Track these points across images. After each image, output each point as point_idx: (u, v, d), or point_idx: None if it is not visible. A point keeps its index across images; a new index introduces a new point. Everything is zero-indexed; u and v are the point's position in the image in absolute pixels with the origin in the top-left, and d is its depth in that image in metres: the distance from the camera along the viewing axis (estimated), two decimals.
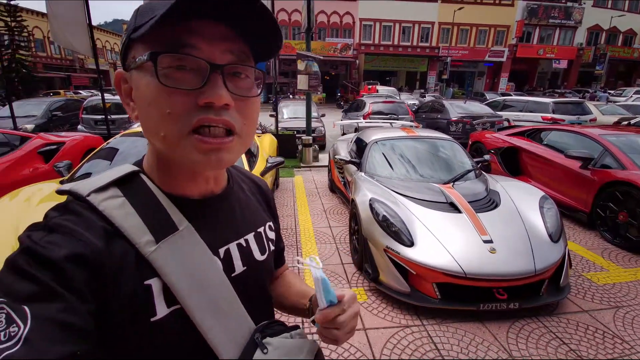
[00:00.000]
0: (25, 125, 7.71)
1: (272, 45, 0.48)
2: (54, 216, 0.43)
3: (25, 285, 0.36)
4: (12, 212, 2.24)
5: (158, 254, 0.44)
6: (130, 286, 0.42)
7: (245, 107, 0.46)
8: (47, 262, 0.37)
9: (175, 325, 0.45)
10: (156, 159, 0.50)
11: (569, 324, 2.25)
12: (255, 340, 0.50)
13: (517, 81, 28.73)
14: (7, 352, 0.33)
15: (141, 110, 0.45)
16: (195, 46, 0.42)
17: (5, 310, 0.35)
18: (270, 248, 0.63)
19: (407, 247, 2.34)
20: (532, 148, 4.80)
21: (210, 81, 0.42)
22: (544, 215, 2.60)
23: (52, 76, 26.22)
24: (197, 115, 0.42)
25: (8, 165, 3.62)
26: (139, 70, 0.43)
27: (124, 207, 0.45)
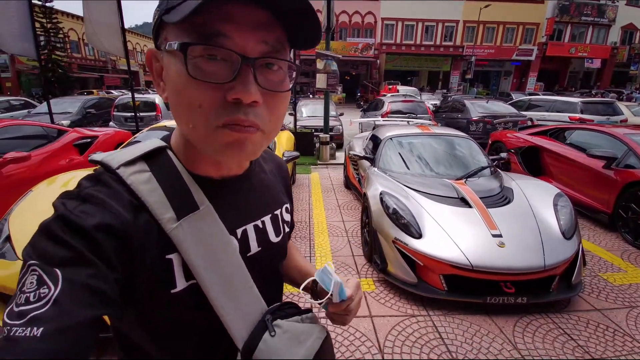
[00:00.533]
0: (61, 121, 8.23)
1: (312, 34, 0.45)
2: (87, 186, 0.44)
3: (59, 250, 0.37)
4: (48, 197, 2.46)
5: (179, 231, 0.45)
6: (153, 258, 0.44)
7: (274, 102, 0.45)
8: (80, 230, 0.39)
9: (192, 299, 0.47)
10: (183, 140, 0.51)
11: (579, 321, 2.23)
12: (266, 322, 0.50)
13: (547, 81, 27.61)
14: (36, 312, 0.34)
15: (171, 96, 0.45)
16: (228, 35, 0.40)
17: (37, 272, 0.36)
18: (285, 230, 0.64)
19: (416, 239, 2.40)
20: (554, 147, 4.68)
21: (240, 75, 0.41)
22: (557, 212, 2.58)
23: (86, 76, 27.69)
24: (225, 113, 0.42)
25: (47, 156, 3.93)
26: (170, 54, 0.43)
27: (150, 182, 0.46)
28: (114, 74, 31.34)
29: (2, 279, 1.81)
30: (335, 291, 0.54)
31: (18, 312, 0.34)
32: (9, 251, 1.91)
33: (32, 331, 0.33)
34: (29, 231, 1.62)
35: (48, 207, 1.71)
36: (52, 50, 21.89)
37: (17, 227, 2.07)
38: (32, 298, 0.35)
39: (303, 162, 6.81)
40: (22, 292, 0.36)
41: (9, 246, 1.94)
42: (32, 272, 0.36)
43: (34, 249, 0.38)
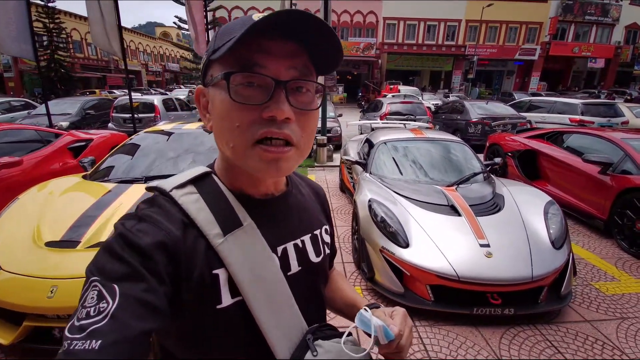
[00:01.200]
0: (60, 122, 8.26)
1: (333, 60, 0.52)
2: (144, 208, 0.50)
3: (117, 266, 0.41)
4: (38, 201, 2.46)
5: (225, 246, 0.49)
6: (200, 273, 0.47)
7: (305, 120, 0.50)
8: (136, 247, 0.43)
9: (237, 316, 0.49)
10: (225, 163, 0.56)
11: (568, 333, 2.19)
12: (307, 341, 0.52)
13: (550, 81, 27.43)
14: (95, 325, 0.37)
15: (215, 123, 0.51)
16: (263, 64, 0.46)
17: (98, 287, 0.40)
18: (326, 251, 0.65)
19: (403, 248, 2.37)
20: (550, 151, 4.63)
21: (274, 96, 0.46)
22: (547, 221, 2.54)
23: (89, 76, 27.83)
24: (261, 128, 0.46)
25: (40, 159, 3.94)
26: (215, 87, 0.49)
27: (198, 202, 0.51)
28: (117, 73, 31.49)
29: None
30: (380, 335, 0.53)
31: (79, 326, 0.37)
32: None
33: (90, 344, 0.36)
34: (14, 240, 1.60)
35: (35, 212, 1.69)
36: (54, 50, 22.00)
37: (1, 235, 2.07)
38: (92, 312, 0.38)
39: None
40: (84, 307, 0.39)
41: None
42: (93, 287, 0.40)
43: (96, 266, 0.42)
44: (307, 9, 13.07)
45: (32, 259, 1.91)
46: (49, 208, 2.34)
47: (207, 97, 0.52)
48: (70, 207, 2.35)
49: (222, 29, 0.50)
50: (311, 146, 0.54)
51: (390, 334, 0.53)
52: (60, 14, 23.75)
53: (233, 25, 0.48)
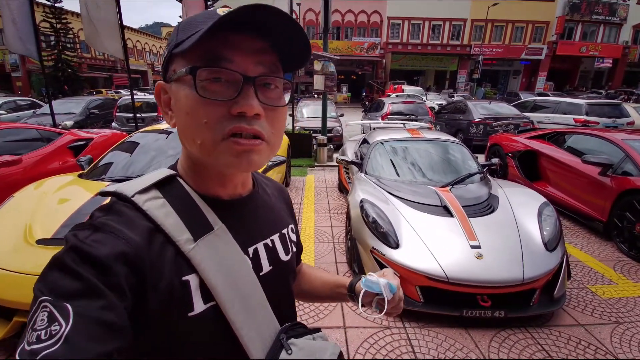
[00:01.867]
0: (65, 122, 8.36)
1: (301, 57, 0.52)
2: (99, 216, 0.46)
3: (70, 282, 0.37)
4: (33, 199, 2.49)
5: (196, 252, 0.47)
6: (169, 281, 0.44)
7: (274, 116, 0.50)
8: (92, 260, 0.39)
9: (210, 322, 0.47)
10: (190, 162, 0.53)
11: (560, 337, 2.16)
12: (281, 341, 0.51)
13: (557, 81, 27.10)
14: (47, 351, 0.33)
15: (179, 119, 0.48)
16: (230, 59, 0.45)
17: (48, 308, 0.36)
18: (293, 249, 0.66)
19: (393, 249, 2.35)
20: (551, 152, 4.57)
21: (243, 92, 0.45)
22: (541, 223, 2.51)
23: (95, 76, 28.14)
24: (230, 124, 0.45)
25: (40, 158, 3.99)
26: (179, 82, 0.47)
27: (165, 207, 0.48)
28: (123, 73, 31.78)
29: None
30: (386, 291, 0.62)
31: (30, 351, 0.34)
32: None
33: None
34: (5, 237, 1.64)
35: (29, 209, 1.71)
36: (62, 50, 22.28)
37: None
38: (43, 336, 0.34)
39: (300, 164, 6.79)
40: (34, 330, 0.35)
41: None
42: (43, 308, 0.36)
43: (45, 284, 0.38)
44: (311, 8, 13.18)
45: (22, 256, 1.94)
46: (42, 206, 2.36)
47: (170, 94, 0.50)
48: (63, 205, 2.38)
49: (184, 21, 0.48)
50: (280, 143, 0.53)
51: (393, 287, 0.63)
52: (68, 14, 24.03)
53: (196, 18, 0.47)
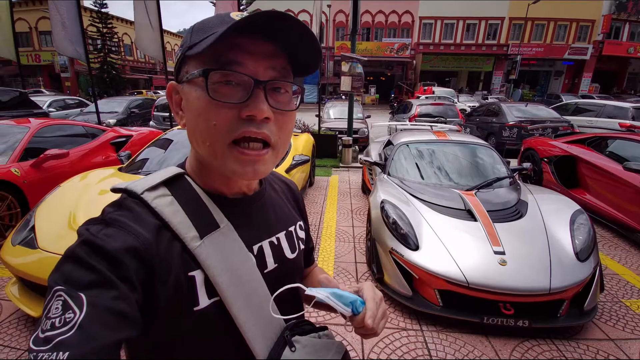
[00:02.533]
0: (108, 120, 8.97)
1: (312, 64, 0.52)
2: (110, 211, 0.47)
3: (83, 274, 0.39)
4: (77, 189, 2.73)
5: (202, 249, 0.48)
6: (176, 276, 0.46)
7: (283, 120, 0.50)
8: (104, 253, 0.41)
9: (215, 316, 0.49)
10: (198, 162, 0.55)
11: (587, 351, 2.05)
12: (285, 338, 0.52)
13: (603, 82, 25.28)
14: (61, 337, 0.35)
15: (189, 120, 0.49)
16: (242, 63, 0.46)
17: (62, 297, 0.37)
18: (300, 247, 0.66)
19: (412, 250, 2.34)
20: (591, 157, 4.30)
21: (253, 96, 0.46)
22: (573, 231, 2.39)
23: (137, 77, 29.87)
24: (240, 127, 0.46)
25: (85, 153, 4.33)
26: (190, 83, 0.48)
27: (173, 205, 0.49)
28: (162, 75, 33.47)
29: (25, 266, 2.05)
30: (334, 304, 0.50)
31: (44, 338, 0.35)
32: (33, 240, 2.15)
33: (57, 356, 0.34)
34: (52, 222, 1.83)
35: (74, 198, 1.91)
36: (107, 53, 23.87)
37: (42, 218, 2.32)
38: (57, 323, 0.36)
39: (324, 165, 6.85)
40: (48, 318, 0.37)
41: (33, 235, 2.18)
42: (58, 297, 0.38)
43: (60, 274, 0.40)
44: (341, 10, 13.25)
45: (67, 241, 2.12)
46: (86, 196, 2.58)
47: (181, 94, 0.51)
48: (103, 196, 2.58)
49: (197, 24, 0.49)
50: (287, 147, 0.54)
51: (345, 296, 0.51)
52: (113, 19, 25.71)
53: (210, 20, 0.48)
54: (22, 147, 3.66)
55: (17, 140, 3.71)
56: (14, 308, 2.35)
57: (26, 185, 3.47)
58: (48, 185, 3.53)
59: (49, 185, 3.49)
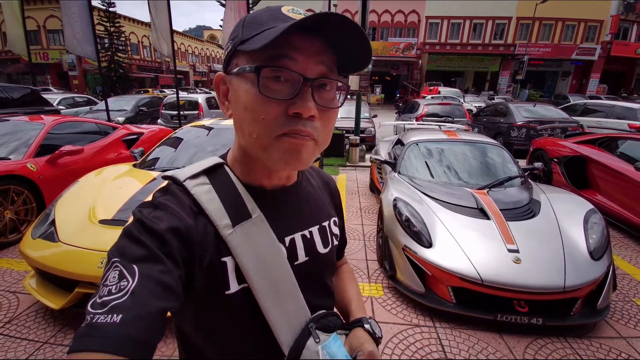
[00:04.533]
0: (117, 118, 9.07)
1: (361, 63, 0.53)
2: (159, 196, 0.52)
3: (136, 249, 0.44)
4: (94, 185, 2.78)
5: (233, 237, 0.51)
6: (210, 259, 0.49)
7: (327, 117, 0.51)
8: (153, 232, 0.45)
9: (243, 302, 0.52)
10: (241, 153, 0.57)
11: (600, 349, 2.06)
12: (310, 329, 0.54)
13: (611, 83, 25.03)
14: (116, 301, 0.39)
15: (237, 112, 0.51)
16: (293, 59, 0.47)
17: (119, 268, 0.42)
18: (334, 243, 0.67)
19: (425, 247, 2.36)
20: (601, 158, 4.28)
21: (300, 93, 0.47)
22: (587, 230, 2.39)
23: (143, 76, 30.09)
24: (287, 124, 0.47)
25: (99, 149, 4.39)
26: (240, 76, 0.49)
27: (210, 193, 0.53)
28: (168, 74, 33.70)
29: (46, 258, 2.09)
30: None
31: (101, 302, 0.39)
32: (53, 234, 2.20)
33: (112, 318, 0.38)
34: (72, 217, 1.88)
35: (91, 193, 1.96)
36: (114, 52, 24.07)
37: (61, 213, 2.37)
38: (113, 290, 0.40)
39: (332, 164, 6.87)
40: (105, 285, 0.41)
41: (53, 229, 2.23)
42: (115, 267, 0.42)
43: (117, 248, 0.45)
44: (347, 9, 13.22)
45: (87, 233, 2.18)
46: (104, 191, 2.63)
47: (229, 86, 0.53)
48: (120, 191, 2.63)
49: (248, 18, 0.50)
50: (329, 142, 0.55)
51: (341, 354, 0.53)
52: (120, 18, 25.92)
53: (260, 15, 0.49)
54: (38, 143, 3.72)
55: (33, 137, 3.77)
56: (31, 301, 2.40)
57: (41, 180, 3.53)
58: (63, 180, 3.60)
59: (63, 181, 3.56)
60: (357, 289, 0.78)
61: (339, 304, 0.74)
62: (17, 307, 2.36)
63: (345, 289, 0.76)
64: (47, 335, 2.09)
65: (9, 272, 2.82)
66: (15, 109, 6.71)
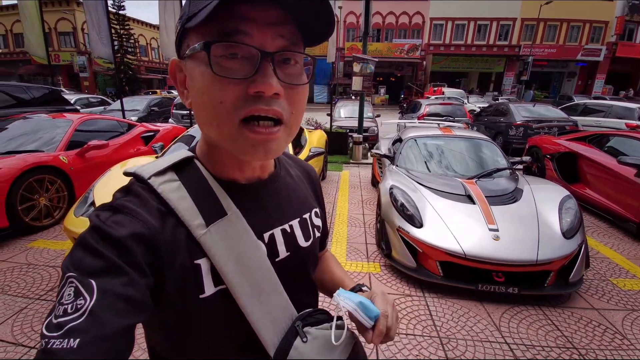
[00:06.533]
0: (131, 117, 9.48)
1: (323, 29, 0.47)
2: (119, 197, 0.47)
3: (93, 261, 0.39)
4: (120, 175, 3.13)
5: (207, 237, 0.46)
6: (182, 263, 0.45)
7: (294, 95, 0.47)
8: (112, 240, 0.40)
9: (221, 304, 0.48)
10: (207, 146, 0.53)
11: (572, 317, 2.34)
12: (296, 328, 0.51)
13: (617, 84, 24.98)
14: (72, 323, 0.35)
15: (195, 99, 0.46)
16: (247, 33, 0.41)
17: (74, 283, 0.37)
18: (316, 235, 0.63)
19: (417, 228, 2.66)
20: (589, 153, 4.55)
21: (260, 70, 0.42)
22: (561, 213, 2.68)
23: (151, 77, 30.72)
24: (247, 105, 0.43)
25: (120, 145, 4.77)
26: (193, 59, 0.44)
27: (179, 191, 0.48)
28: None
29: None
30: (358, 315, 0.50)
31: (56, 324, 0.35)
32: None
33: (68, 343, 0.34)
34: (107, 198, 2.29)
35: (120, 181, 2.33)
36: (124, 54, 24.67)
37: (99, 195, 2.73)
38: (69, 309, 0.36)
39: (335, 161, 7.19)
40: (61, 304, 0.37)
41: (92, 209, 2.58)
42: (70, 284, 0.38)
43: (72, 261, 0.40)
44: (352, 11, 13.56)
45: None
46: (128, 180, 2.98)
47: (185, 72, 0.48)
48: None
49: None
50: (299, 124, 0.51)
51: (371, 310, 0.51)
52: (129, 20, 26.53)
53: None
54: (68, 137, 4.10)
55: (63, 132, 4.15)
56: None
57: (72, 171, 3.90)
58: (89, 172, 3.97)
59: (90, 172, 3.93)
60: (344, 271, 0.76)
61: (328, 283, 0.72)
62: (58, 278, 2.72)
63: (333, 270, 0.75)
64: None
65: (47, 250, 3.18)
66: (36, 107, 7.13)
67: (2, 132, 4.08)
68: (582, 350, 2.04)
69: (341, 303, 0.51)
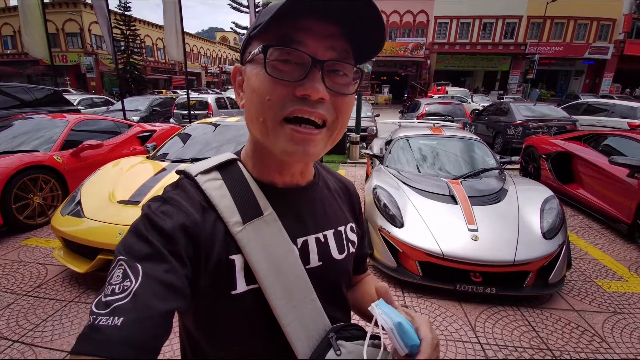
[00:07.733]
0: (132, 117, 9.61)
1: (374, 46, 0.50)
2: (169, 190, 0.51)
3: (142, 246, 0.42)
4: (112, 174, 3.19)
5: (243, 234, 0.49)
6: (218, 257, 0.47)
7: (340, 103, 0.49)
8: (160, 229, 0.44)
9: (252, 303, 0.49)
10: (253, 147, 0.55)
11: (550, 318, 2.33)
12: (330, 340, 0.50)
13: (625, 82, 24.56)
14: (118, 303, 0.38)
15: (247, 97, 0.50)
16: (302, 42, 0.45)
17: (123, 266, 0.41)
18: (350, 250, 0.62)
19: (398, 228, 2.67)
20: (583, 153, 4.50)
21: (309, 75, 0.45)
22: (542, 213, 2.66)
23: (157, 78, 31.05)
24: (293, 105, 0.45)
25: (116, 145, 4.85)
26: (252, 63, 0.48)
27: (221, 189, 0.51)
28: (181, 75, 34.61)
29: (74, 231, 2.50)
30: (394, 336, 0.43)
31: (105, 302, 0.39)
32: (80, 211, 2.61)
33: (113, 320, 0.37)
34: (95, 198, 2.42)
35: (110, 182, 2.45)
36: (130, 54, 24.99)
37: (86, 195, 2.79)
38: (117, 290, 0.39)
39: (332, 160, 7.20)
40: (110, 284, 0.40)
41: (79, 208, 2.64)
42: (120, 266, 0.41)
43: (124, 245, 0.43)
44: None
45: (107, 211, 2.59)
46: (121, 177, 3.04)
47: (243, 75, 0.52)
48: (135, 177, 3.03)
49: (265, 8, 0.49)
50: (343, 132, 0.53)
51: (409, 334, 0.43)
52: (135, 21, 26.84)
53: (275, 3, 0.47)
54: (63, 137, 4.19)
55: (58, 132, 4.23)
56: (58, 270, 2.82)
57: (66, 171, 3.98)
58: (84, 171, 4.03)
59: (85, 172, 3.99)
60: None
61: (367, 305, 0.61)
62: (46, 275, 2.78)
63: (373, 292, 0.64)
64: (73, 296, 2.50)
65: (38, 248, 3.26)
66: (38, 108, 7.27)
67: (2, 132, 4.19)
68: (557, 352, 2.03)
69: (377, 317, 0.45)
